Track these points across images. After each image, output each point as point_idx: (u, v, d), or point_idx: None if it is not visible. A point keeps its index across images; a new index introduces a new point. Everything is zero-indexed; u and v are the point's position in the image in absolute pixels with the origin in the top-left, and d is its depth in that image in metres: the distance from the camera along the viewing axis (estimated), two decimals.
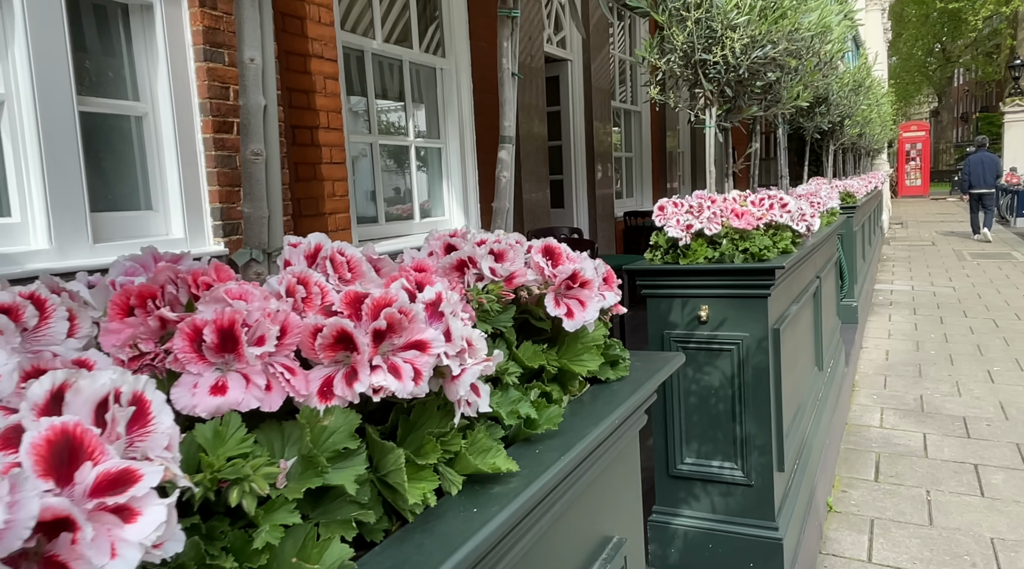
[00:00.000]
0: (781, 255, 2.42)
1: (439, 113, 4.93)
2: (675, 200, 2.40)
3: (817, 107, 4.51)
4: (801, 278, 2.97)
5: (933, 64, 45.80)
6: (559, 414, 0.72)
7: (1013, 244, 13.69)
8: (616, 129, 8.35)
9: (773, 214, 2.41)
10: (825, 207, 4.05)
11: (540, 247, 0.82)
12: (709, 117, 2.59)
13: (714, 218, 2.29)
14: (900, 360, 6.19)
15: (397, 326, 0.55)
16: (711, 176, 2.57)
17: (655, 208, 2.40)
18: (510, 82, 1.29)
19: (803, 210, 2.67)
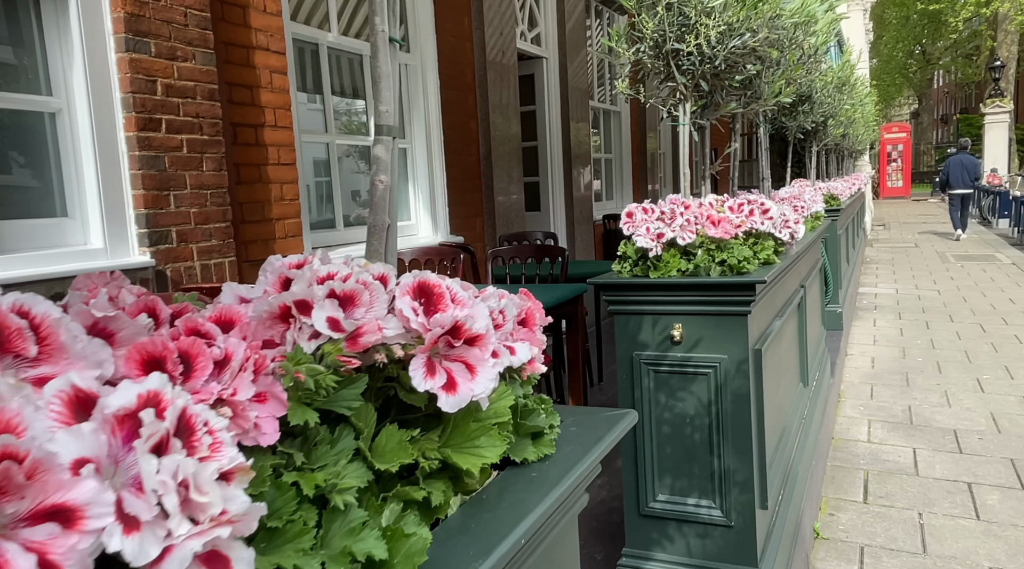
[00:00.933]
0: (762, 267, 2.18)
1: (404, 112, 4.66)
2: (645, 205, 2.15)
3: (800, 106, 4.29)
4: (785, 289, 2.73)
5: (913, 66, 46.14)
6: (425, 544, 0.46)
7: (996, 245, 13.61)
8: (595, 130, 8.12)
9: (753, 221, 2.16)
10: (809, 211, 3.82)
11: (410, 286, 0.56)
12: (683, 113, 2.34)
13: (687, 226, 2.04)
14: (887, 368, 5.99)
15: (9, 485, 0.28)
16: (685, 179, 2.32)
17: (623, 214, 2.15)
18: (387, 50, 1.03)
19: (786, 216, 2.43)
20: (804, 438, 3.11)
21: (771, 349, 2.32)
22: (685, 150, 2.32)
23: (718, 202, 2.25)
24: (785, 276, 2.61)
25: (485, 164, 5.23)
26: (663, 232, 2.05)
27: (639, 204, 2.14)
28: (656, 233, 2.05)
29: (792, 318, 3.02)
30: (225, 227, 2.98)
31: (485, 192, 5.26)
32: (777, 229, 2.41)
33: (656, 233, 2.05)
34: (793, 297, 2.98)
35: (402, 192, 4.73)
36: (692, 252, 2.08)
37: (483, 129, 5.19)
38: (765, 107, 2.66)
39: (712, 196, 2.30)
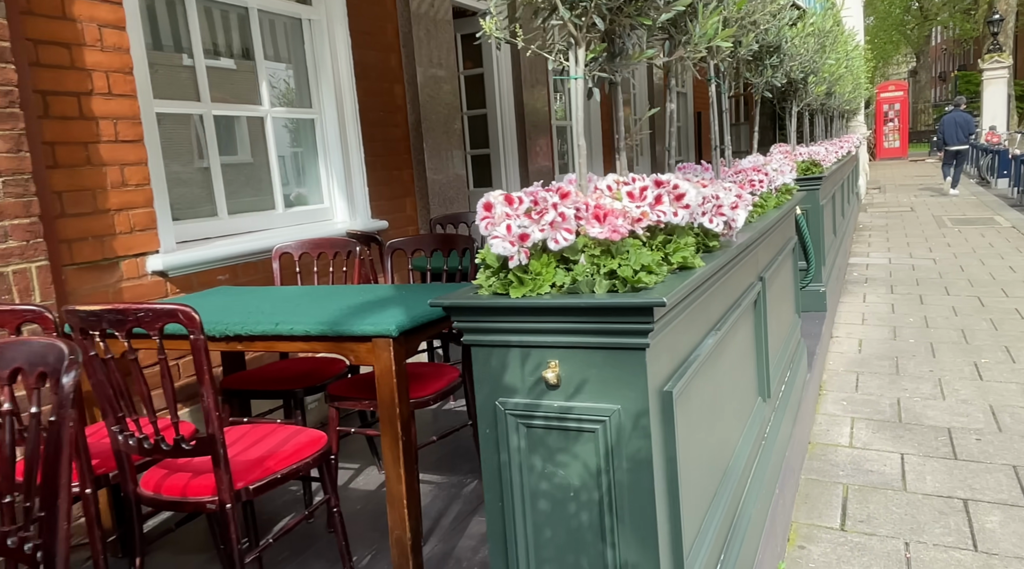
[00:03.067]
0: (676, 275, 1.58)
1: (309, 76, 4.01)
2: (513, 194, 1.54)
3: (766, 58, 3.63)
4: (726, 293, 2.12)
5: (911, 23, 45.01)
6: None
7: (995, 207, 12.98)
8: (558, 94, 7.44)
9: (662, 212, 1.55)
10: (774, 184, 3.20)
11: None
12: (574, 63, 1.72)
13: (561, 223, 1.43)
14: (875, 352, 5.42)
15: None
16: (580, 153, 1.70)
17: (479, 206, 1.53)
18: None
19: (719, 199, 1.81)
20: (763, 467, 2.53)
21: (698, 382, 1.72)
22: (578, 114, 1.70)
23: (618, 185, 1.63)
24: (724, 278, 2.00)
25: (415, 135, 4.59)
26: (528, 231, 1.44)
27: (502, 192, 1.53)
28: (519, 233, 1.44)
29: (743, 323, 2.42)
30: (30, 223, 2.36)
31: (416, 168, 4.62)
32: (708, 218, 1.80)
33: (519, 233, 1.44)
34: (743, 297, 2.37)
35: (311, 170, 4.10)
36: (573, 260, 1.48)
37: (411, 95, 4.54)
38: (695, 55, 2.03)
39: (612, 177, 1.68)
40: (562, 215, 1.43)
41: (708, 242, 1.88)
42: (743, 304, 2.35)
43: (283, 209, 3.78)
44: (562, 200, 1.48)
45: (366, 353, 2.10)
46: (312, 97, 4.02)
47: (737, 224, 1.92)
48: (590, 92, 1.87)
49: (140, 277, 2.85)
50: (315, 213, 4.01)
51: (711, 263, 1.74)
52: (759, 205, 2.87)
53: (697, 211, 1.71)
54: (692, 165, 2.90)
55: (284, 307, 2.42)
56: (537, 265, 1.46)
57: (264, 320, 2.20)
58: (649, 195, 1.54)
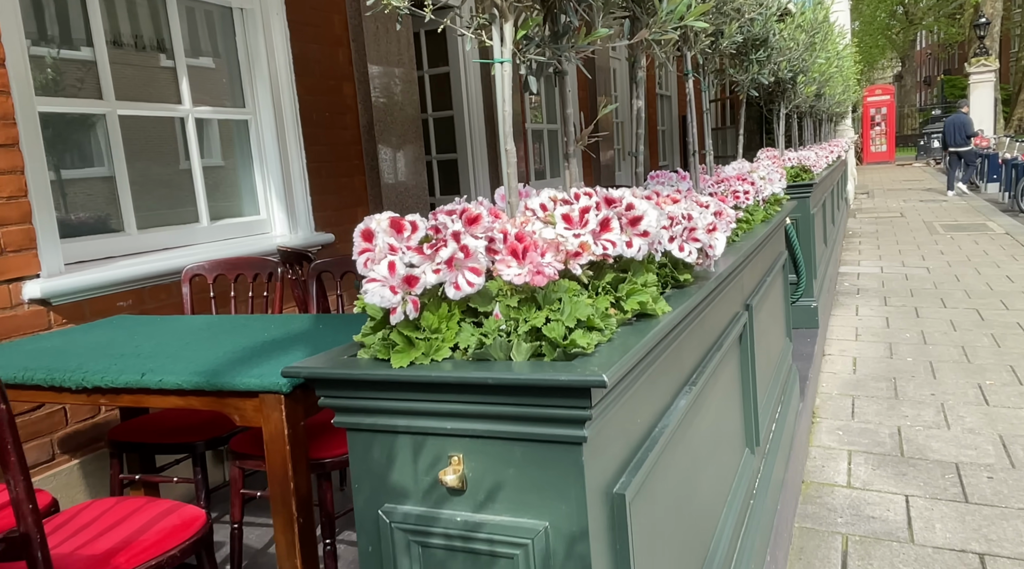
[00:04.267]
0: (628, 329, 1.15)
1: (242, 72, 3.57)
2: (404, 218, 1.11)
3: (752, 52, 3.23)
4: (703, 335, 1.70)
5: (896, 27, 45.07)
6: None
7: (987, 213, 12.68)
8: (534, 96, 7.02)
9: (608, 241, 1.13)
10: (763, 194, 2.79)
11: None
12: (498, 42, 1.30)
13: (464, 260, 1.00)
14: (871, 372, 5.03)
15: None
16: (506, 159, 1.28)
17: (357, 235, 1.11)
18: None
19: (692, 221, 1.40)
20: (752, 531, 2.11)
21: (664, 465, 1.30)
22: (506, 109, 1.28)
23: (555, 204, 1.21)
24: (700, 318, 1.58)
25: (367, 138, 4.16)
26: (418, 273, 1.01)
27: (391, 215, 1.10)
28: (405, 275, 1.01)
29: (727, 364, 2.00)
30: None
31: (369, 174, 4.19)
32: (677, 245, 1.38)
33: (405, 275, 1.01)
34: (726, 334, 1.96)
35: (245, 178, 3.65)
36: (485, 311, 1.05)
37: (362, 94, 4.11)
38: (662, 37, 1.61)
39: (548, 193, 1.26)
40: (465, 249, 1.01)
41: (678, 275, 1.46)
42: (726, 343, 1.94)
43: (208, 222, 3.33)
44: (468, 227, 1.05)
45: (253, 411, 1.66)
46: (245, 96, 3.58)
47: (715, 251, 1.50)
48: (527, 82, 1.45)
49: (14, 307, 2.41)
50: (249, 226, 3.57)
51: (681, 305, 1.32)
52: (744, 220, 2.46)
53: (662, 236, 1.29)
54: (666, 173, 2.48)
55: (170, 347, 1.98)
56: (433, 319, 1.03)
57: (130, 368, 1.77)
58: (592, 219, 1.12)
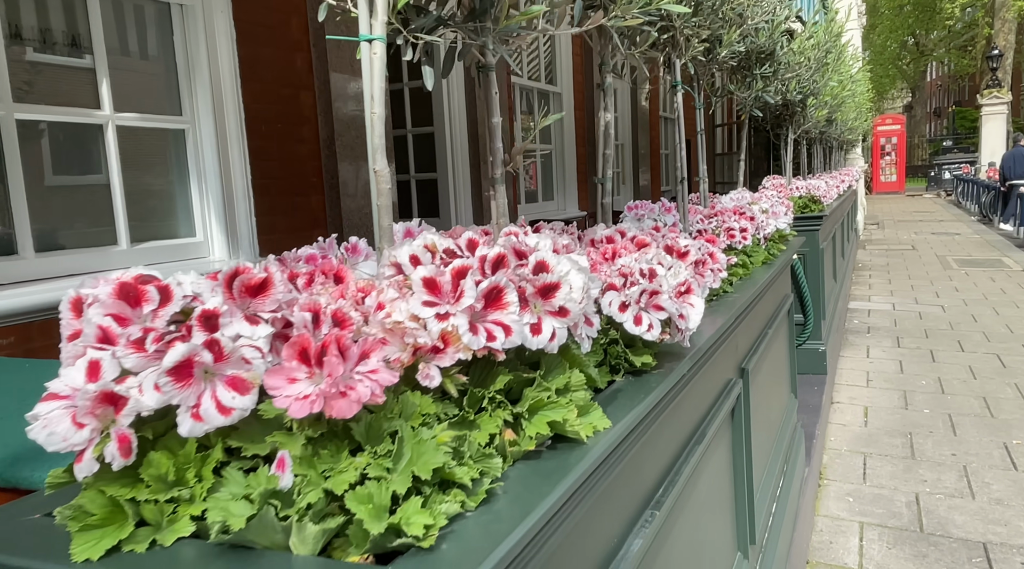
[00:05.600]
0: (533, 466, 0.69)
1: (180, 77, 3.16)
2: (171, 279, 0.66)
3: (756, 67, 2.80)
4: (677, 427, 1.25)
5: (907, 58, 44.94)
6: None
7: (1001, 248, 12.21)
8: (527, 114, 6.63)
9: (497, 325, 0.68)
10: (765, 231, 2.34)
11: None
12: (367, 11, 0.87)
13: (218, 366, 0.55)
14: (884, 425, 4.55)
15: None
16: (376, 182, 0.84)
17: (64, 306, 0.65)
18: None
19: (655, 281, 0.95)
20: None
21: None
22: (375, 109, 0.84)
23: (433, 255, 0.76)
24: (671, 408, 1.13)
25: (327, 154, 3.74)
26: (123, 390, 0.56)
27: (139, 271, 0.66)
28: (98, 392, 0.56)
29: (715, 449, 1.55)
30: None
31: (328, 193, 3.77)
32: (632, 316, 0.94)
33: (98, 392, 0.56)
34: (712, 414, 1.51)
35: (180, 195, 3.23)
36: (253, 455, 0.60)
37: (323, 105, 3.70)
38: (624, 22, 1.18)
39: (425, 238, 0.82)
40: (214, 346, 0.56)
41: (634, 359, 1.01)
42: (712, 426, 1.48)
43: (128, 245, 2.90)
44: (241, 300, 0.61)
45: None
46: (183, 102, 3.17)
47: (689, 322, 1.05)
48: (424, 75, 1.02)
49: None
50: (181, 249, 3.14)
51: (630, 413, 0.87)
52: (741, 264, 2.01)
53: (610, 303, 0.85)
54: (647, 204, 2.04)
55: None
56: (166, 463, 0.59)
57: None
58: (470, 290, 0.67)
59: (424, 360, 0.63)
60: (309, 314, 0.61)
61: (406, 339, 0.62)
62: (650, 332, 0.98)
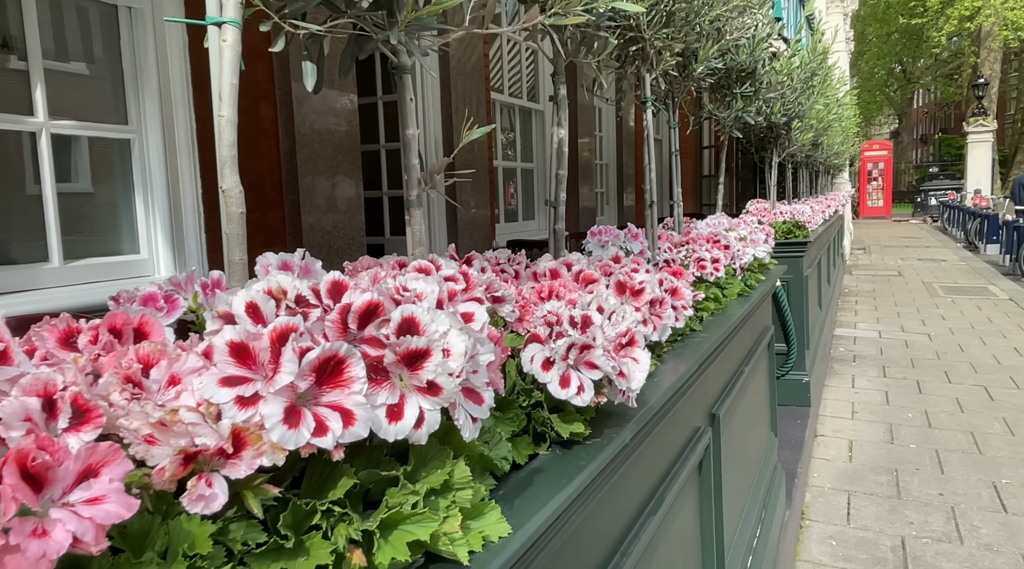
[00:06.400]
0: None
1: (126, 83, 2.97)
2: None
3: (737, 85, 2.64)
4: (620, 502, 1.05)
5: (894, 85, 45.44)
6: None
7: (987, 275, 12.15)
8: (508, 131, 6.48)
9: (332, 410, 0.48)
10: (743, 260, 2.17)
11: None
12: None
13: None
14: (869, 461, 4.37)
15: None
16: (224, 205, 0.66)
17: None
18: None
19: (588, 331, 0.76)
20: None
21: None
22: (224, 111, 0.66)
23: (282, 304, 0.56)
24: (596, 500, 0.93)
25: (288, 168, 3.55)
26: None
27: None
28: None
29: (678, 511, 1.35)
30: None
31: (289, 210, 3.57)
32: (558, 376, 0.74)
33: None
34: (673, 475, 1.31)
35: (123, 209, 3.03)
36: None
37: (284, 117, 3.52)
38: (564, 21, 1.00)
39: (272, 279, 0.61)
40: None
41: (561, 428, 0.82)
42: (673, 487, 1.29)
43: (60, 262, 2.69)
44: None
45: None
46: (129, 111, 2.97)
47: (631, 382, 0.86)
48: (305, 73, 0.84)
49: None
50: (123, 267, 2.93)
51: (549, 505, 0.68)
52: (713, 298, 1.83)
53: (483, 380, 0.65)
54: (611, 230, 1.86)
55: None
56: None
57: None
58: (289, 364, 0.48)
59: (208, 467, 0.44)
60: (36, 400, 0.42)
61: (173, 440, 0.43)
62: (580, 396, 0.79)
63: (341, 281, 0.62)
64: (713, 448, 1.68)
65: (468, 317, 0.91)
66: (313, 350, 0.49)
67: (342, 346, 0.51)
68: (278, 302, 0.60)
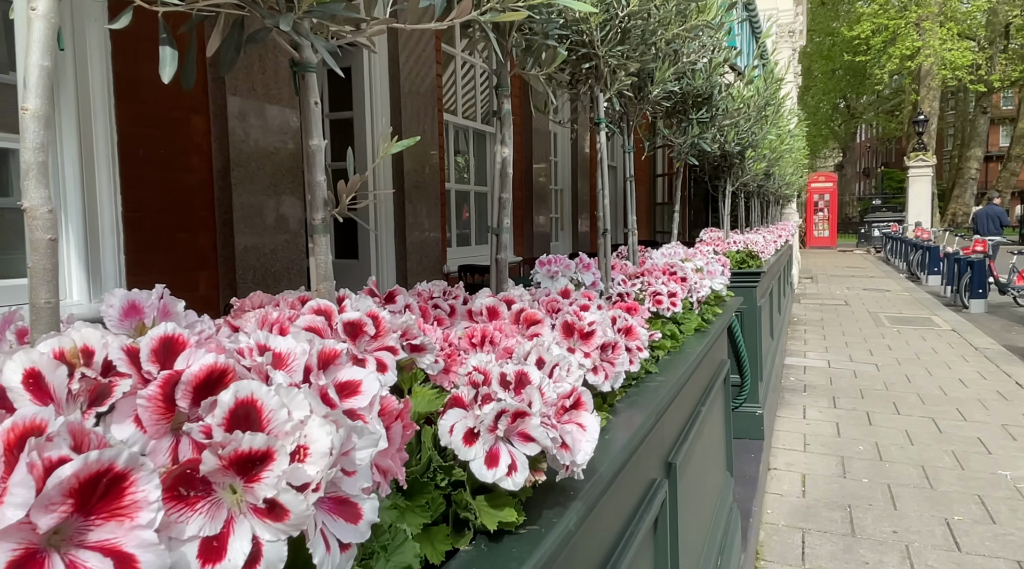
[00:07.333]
0: None
1: None
2: None
3: (693, 110, 2.54)
4: None
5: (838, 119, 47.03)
6: None
7: (930, 306, 12.43)
8: (461, 154, 6.34)
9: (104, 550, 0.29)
10: (700, 293, 2.03)
11: None
12: None
13: None
14: (823, 496, 4.28)
15: None
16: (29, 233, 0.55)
17: None
18: None
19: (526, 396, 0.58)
20: None
21: None
22: (25, 117, 0.47)
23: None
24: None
25: (221, 186, 3.33)
26: None
27: None
28: None
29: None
30: None
31: (221, 230, 3.34)
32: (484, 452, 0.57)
33: None
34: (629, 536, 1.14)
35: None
36: None
37: (218, 131, 3.30)
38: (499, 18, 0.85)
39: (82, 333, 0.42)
40: None
41: (487, 517, 0.64)
42: (626, 556, 1.12)
43: None
44: None
45: None
46: None
47: (576, 455, 0.70)
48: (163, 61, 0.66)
49: None
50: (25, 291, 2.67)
51: None
52: (671, 335, 1.68)
53: (357, 488, 0.48)
54: (562, 260, 1.71)
55: None
56: None
57: None
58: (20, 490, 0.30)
59: None
60: None
61: None
62: (511, 477, 0.62)
63: (175, 337, 0.45)
64: (669, 502, 1.52)
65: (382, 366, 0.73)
66: (69, 464, 0.31)
67: (120, 454, 0.33)
68: (72, 369, 0.42)
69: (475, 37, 1.24)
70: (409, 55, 4.82)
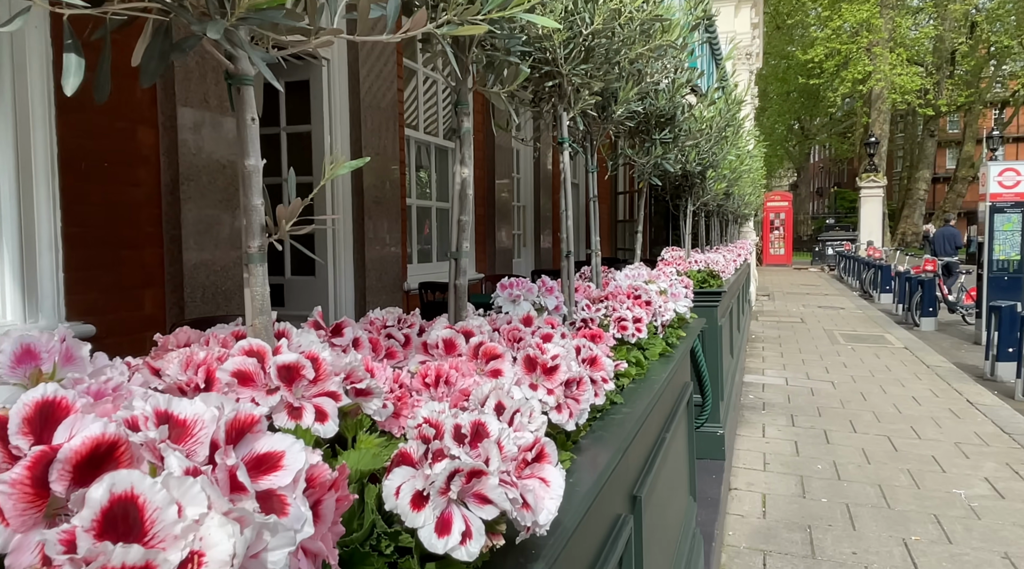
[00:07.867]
0: None
1: None
2: None
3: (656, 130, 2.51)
4: None
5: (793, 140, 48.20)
6: None
7: (883, 324, 12.70)
8: (422, 169, 6.26)
9: None
10: (664, 317, 1.99)
11: None
12: None
13: None
14: (783, 516, 4.28)
15: None
16: None
17: None
18: None
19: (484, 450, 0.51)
20: None
21: None
22: None
23: None
24: None
25: (170, 200, 3.19)
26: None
27: None
28: None
29: None
30: None
31: (168, 246, 3.20)
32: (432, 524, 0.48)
33: None
34: None
35: None
36: None
37: (167, 144, 3.17)
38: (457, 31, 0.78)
39: None
40: None
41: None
42: None
43: None
44: None
45: None
46: None
47: (540, 514, 0.62)
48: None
49: None
50: None
51: None
52: (636, 362, 1.63)
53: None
54: (523, 283, 1.64)
55: None
56: None
57: None
58: None
59: None
60: None
61: None
62: (465, 546, 0.55)
63: (56, 401, 0.37)
64: (635, 539, 1.46)
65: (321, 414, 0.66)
66: None
67: None
68: None
69: (435, 51, 1.17)
70: (370, 69, 4.74)
